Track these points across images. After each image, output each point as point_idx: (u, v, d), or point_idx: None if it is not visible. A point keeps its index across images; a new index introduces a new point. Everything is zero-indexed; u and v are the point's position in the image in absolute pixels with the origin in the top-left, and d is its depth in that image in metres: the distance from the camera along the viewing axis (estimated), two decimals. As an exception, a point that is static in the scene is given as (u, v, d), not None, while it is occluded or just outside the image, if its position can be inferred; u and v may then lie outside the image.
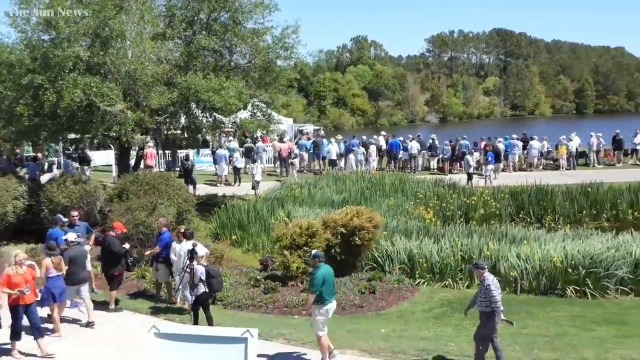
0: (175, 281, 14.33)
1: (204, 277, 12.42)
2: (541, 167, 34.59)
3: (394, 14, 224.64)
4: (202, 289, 12.45)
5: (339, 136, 38.50)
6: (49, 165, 30.57)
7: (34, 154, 30.11)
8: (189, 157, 29.31)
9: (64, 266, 12.55)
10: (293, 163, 31.77)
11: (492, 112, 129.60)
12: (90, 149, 31.01)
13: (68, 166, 27.50)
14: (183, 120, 24.17)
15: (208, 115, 23.96)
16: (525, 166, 34.43)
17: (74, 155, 29.64)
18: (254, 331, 9.49)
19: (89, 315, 13.13)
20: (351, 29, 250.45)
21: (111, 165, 30.48)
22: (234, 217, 21.25)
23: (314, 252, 11.78)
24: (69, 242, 13.32)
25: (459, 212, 24.35)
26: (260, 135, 34.80)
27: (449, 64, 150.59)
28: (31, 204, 19.86)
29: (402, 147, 34.65)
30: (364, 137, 36.98)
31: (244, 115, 25.18)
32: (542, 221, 24.17)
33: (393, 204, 23.52)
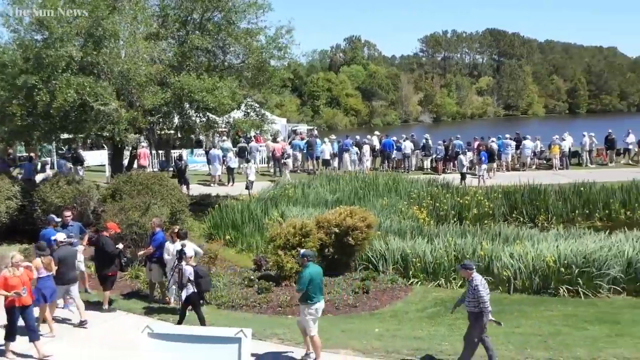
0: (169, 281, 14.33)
1: (192, 277, 12.43)
2: (534, 167, 34.71)
3: (387, 14, 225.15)
4: (191, 289, 12.47)
5: (332, 136, 38.57)
6: (42, 165, 30.46)
7: (28, 154, 30.00)
8: (183, 157, 29.25)
9: (53, 266, 12.54)
10: (286, 163, 31.76)
11: (486, 112, 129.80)
12: (84, 149, 30.96)
13: (62, 166, 27.41)
14: (176, 120, 24.14)
15: (201, 115, 23.91)
16: (518, 166, 34.53)
17: (67, 156, 29.55)
18: (248, 331, 9.48)
19: (80, 315, 13.12)
20: (345, 29, 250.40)
21: (104, 166, 30.43)
22: (227, 217, 21.23)
23: (302, 251, 11.84)
24: (58, 243, 13.31)
25: (453, 212, 24.38)
26: (253, 135, 34.81)
27: (443, 64, 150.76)
28: (24, 204, 19.82)
29: (395, 147, 34.71)
30: (358, 137, 37.05)
31: (237, 115, 25.15)
32: (535, 221, 24.21)
33: (386, 203, 23.54)
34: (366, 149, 34.12)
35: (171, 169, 30.42)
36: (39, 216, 18.77)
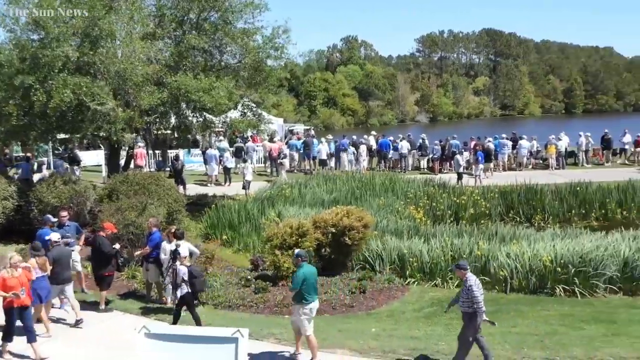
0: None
1: (186, 278, 12.42)
2: (530, 167, 34.81)
3: (384, 14, 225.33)
4: (185, 289, 12.46)
5: (329, 136, 38.56)
6: (38, 165, 30.41)
7: (25, 154, 29.94)
8: (179, 157, 29.24)
9: (48, 267, 12.53)
10: (282, 163, 31.75)
11: (482, 111, 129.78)
12: (80, 149, 30.88)
13: (59, 166, 27.35)
14: (173, 120, 24.12)
15: (198, 115, 23.91)
16: (514, 166, 34.61)
17: (64, 156, 29.49)
18: (245, 331, 9.48)
19: (76, 314, 13.10)
20: (341, 28, 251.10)
21: (101, 166, 30.38)
22: (224, 217, 21.23)
23: (297, 251, 11.83)
24: (52, 243, 13.29)
25: (449, 212, 24.41)
26: (250, 135, 34.78)
27: (439, 64, 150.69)
28: (20, 204, 19.77)
29: (392, 147, 34.77)
30: (354, 137, 37.05)
31: (234, 115, 25.12)
32: (531, 220, 24.29)
33: (383, 203, 23.56)
34: (363, 148, 34.13)
35: (168, 169, 30.36)
36: (35, 216, 18.70)
